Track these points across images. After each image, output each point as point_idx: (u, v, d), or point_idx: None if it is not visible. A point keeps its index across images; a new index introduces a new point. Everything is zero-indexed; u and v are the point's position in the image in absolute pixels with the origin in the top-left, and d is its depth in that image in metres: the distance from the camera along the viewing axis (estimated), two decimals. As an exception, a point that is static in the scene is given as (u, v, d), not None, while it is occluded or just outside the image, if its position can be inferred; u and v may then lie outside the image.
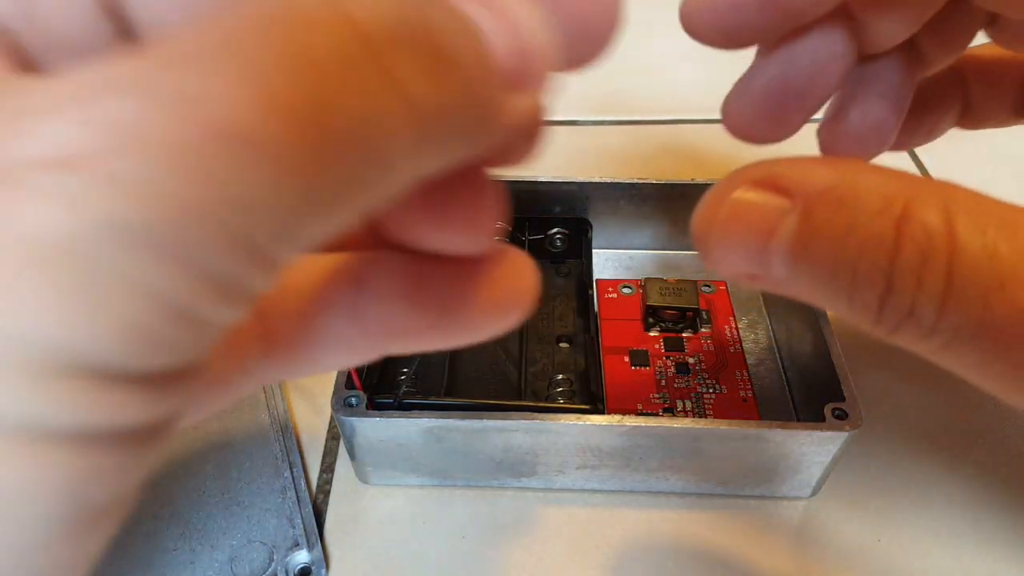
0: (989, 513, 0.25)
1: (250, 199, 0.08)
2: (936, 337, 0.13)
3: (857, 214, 0.13)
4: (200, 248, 0.07)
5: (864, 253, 0.13)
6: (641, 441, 0.24)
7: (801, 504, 0.26)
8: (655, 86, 0.47)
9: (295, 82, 0.08)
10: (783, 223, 0.13)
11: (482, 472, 0.25)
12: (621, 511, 0.25)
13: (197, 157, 0.07)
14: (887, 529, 0.25)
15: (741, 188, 0.14)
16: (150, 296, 0.07)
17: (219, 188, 0.07)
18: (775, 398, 0.28)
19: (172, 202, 0.07)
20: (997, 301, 0.12)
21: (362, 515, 0.25)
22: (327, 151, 0.08)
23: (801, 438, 0.23)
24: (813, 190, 0.13)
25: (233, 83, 0.07)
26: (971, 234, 0.12)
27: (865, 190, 0.13)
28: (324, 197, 0.08)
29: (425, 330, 0.13)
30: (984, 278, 0.12)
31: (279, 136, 0.07)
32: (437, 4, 0.09)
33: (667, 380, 0.28)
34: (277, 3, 0.08)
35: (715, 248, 0.14)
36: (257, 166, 0.07)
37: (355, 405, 0.23)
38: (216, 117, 0.07)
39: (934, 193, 0.12)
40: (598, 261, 0.33)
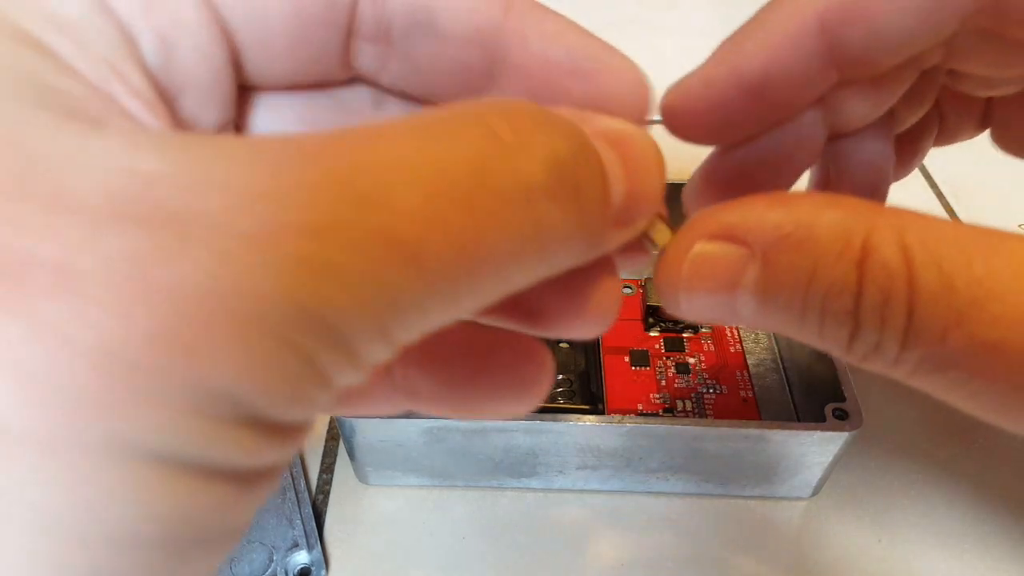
0: (989, 513, 0.25)
1: (399, 293, 0.09)
2: (901, 367, 0.13)
3: (817, 258, 0.13)
4: (357, 332, 0.09)
5: (830, 298, 0.13)
6: (641, 441, 0.23)
7: (802, 504, 0.26)
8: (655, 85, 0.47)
9: (463, 211, 0.09)
10: (745, 273, 0.13)
11: (482, 473, 0.25)
12: (621, 512, 0.25)
13: (372, 259, 0.09)
14: (887, 529, 0.25)
15: (699, 242, 0.14)
16: (307, 362, 0.09)
17: (380, 285, 0.09)
18: (775, 398, 0.28)
19: (345, 291, 0.09)
20: (955, 336, 0.12)
21: (362, 516, 0.25)
22: (466, 267, 0.10)
23: (802, 438, 0.23)
24: (770, 237, 0.13)
25: (420, 207, 0.09)
26: (927, 269, 0.12)
27: (822, 230, 0.13)
28: (453, 298, 0.10)
29: (442, 401, 0.15)
30: (941, 313, 0.12)
31: (438, 248, 0.09)
32: (586, 161, 0.11)
33: (667, 380, 0.28)
34: (469, 150, 0.10)
35: (682, 304, 0.15)
36: (413, 268, 0.09)
37: (355, 405, 0.23)
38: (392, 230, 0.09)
39: (889, 226, 0.12)
40: (598, 261, 0.33)
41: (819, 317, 0.13)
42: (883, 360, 0.13)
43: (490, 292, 0.10)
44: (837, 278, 0.13)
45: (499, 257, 0.10)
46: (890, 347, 0.13)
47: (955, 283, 0.12)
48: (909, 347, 0.12)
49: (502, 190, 0.10)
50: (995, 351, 0.12)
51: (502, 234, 0.10)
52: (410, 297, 0.09)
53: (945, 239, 0.12)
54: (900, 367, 0.13)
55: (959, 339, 0.12)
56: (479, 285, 0.10)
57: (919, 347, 0.12)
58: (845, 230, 0.13)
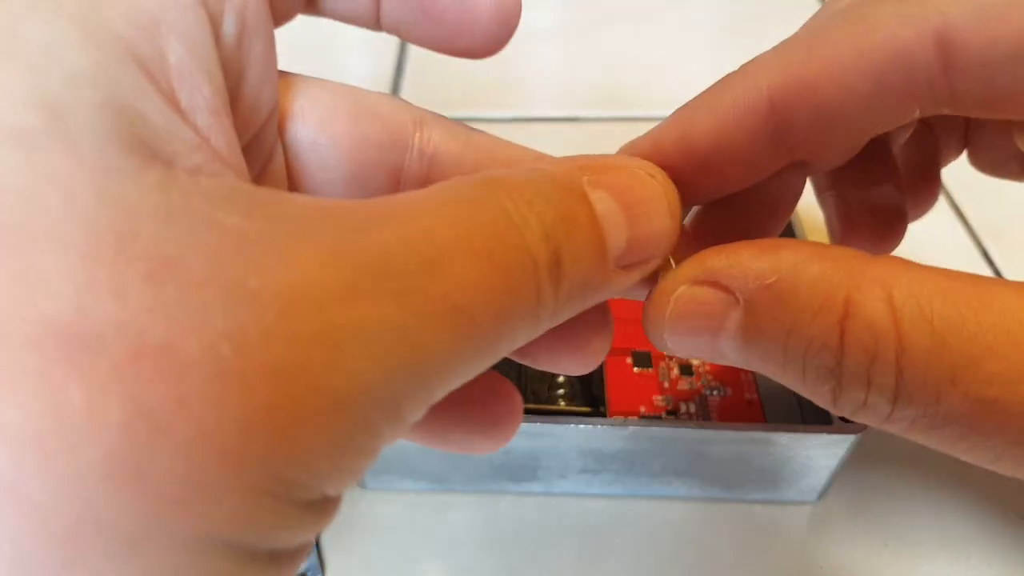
0: (997, 518, 0.25)
1: (450, 357, 0.10)
2: (895, 424, 0.13)
3: (798, 313, 0.13)
4: (409, 397, 0.10)
5: (810, 354, 0.13)
6: (644, 444, 0.23)
7: (807, 508, 0.25)
8: (656, 81, 0.47)
9: (481, 279, 0.10)
10: (728, 318, 0.13)
11: (481, 477, 0.25)
12: (624, 516, 0.25)
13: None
14: (894, 534, 0.25)
15: (684, 285, 0.14)
16: (368, 431, 0.10)
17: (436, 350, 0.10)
18: (780, 400, 0.28)
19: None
20: (949, 395, 0.12)
21: (359, 520, 0.25)
22: (498, 330, 0.11)
23: (807, 441, 0.23)
24: (752, 286, 0.13)
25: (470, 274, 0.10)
26: (918, 328, 0.12)
27: (803, 284, 0.13)
28: (485, 358, 0.11)
29: (412, 433, 0.15)
30: (934, 373, 0.12)
31: (483, 313, 0.10)
32: (568, 231, 0.12)
33: (670, 382, 0.28)
34: (495, 220, 0.11)
35: (667, 341, 0.15)
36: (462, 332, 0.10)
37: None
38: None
39: (876, 280, 0.12)
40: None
41: (801, 370, 0.13)
42: (874, 417, 0.13)
43: (508, 349, 0.12)
44: (816, 335, 0.12)
45: (518, 319, 0.11)
46: (880, 405, 0.12)
47: (948, 341, 0.11)
48: (901, 406, 0.12)
49: (519, 264, 0.11)
50: (991, 409, 0.11)
51: (521, 299, 0.11)
52: (457, 360, 0.10)
53: (936, 294, 0.12)
54: (893, 424, 0.13)
55: (954, 398, 0.11)
56: (504, 344, 0.11)
57: (912, 406, 0.12)
58: (827, 285, 0.12)
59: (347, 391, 0.09)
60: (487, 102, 0.45)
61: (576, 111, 0.44)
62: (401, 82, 0.47)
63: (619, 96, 0.45)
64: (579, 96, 0.46)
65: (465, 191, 0.11)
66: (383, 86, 0.46)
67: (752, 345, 0.13)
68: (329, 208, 0.10)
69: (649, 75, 0.47)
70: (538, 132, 0.43)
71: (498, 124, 0.43)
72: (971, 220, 0.37)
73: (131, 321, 0.08)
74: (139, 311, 0.08)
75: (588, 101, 0.45)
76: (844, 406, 0.13)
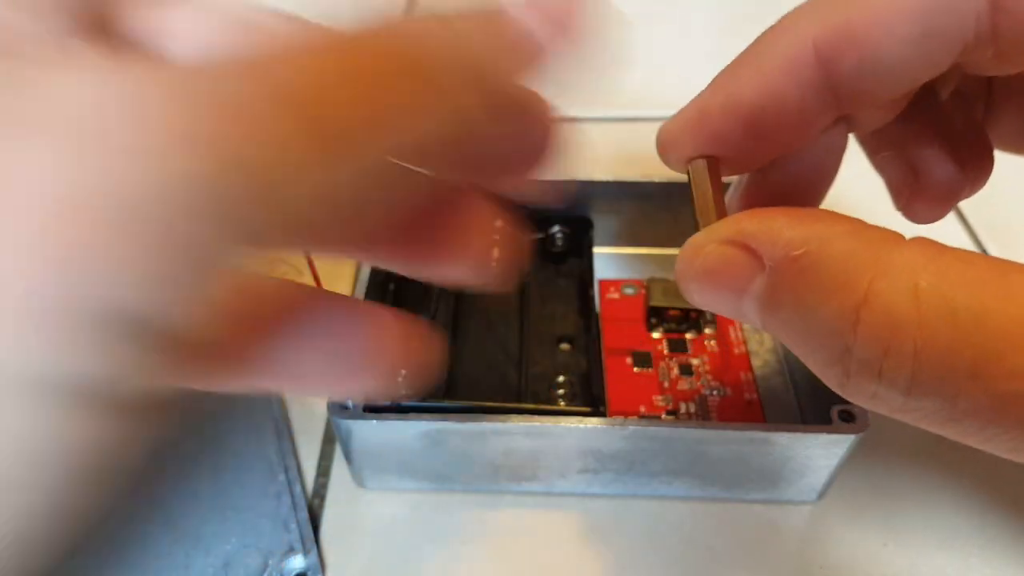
0: (997, 518, 0.25)
1: (275, 163, 0.09)
2: (906, 416, 0.12)
3: (818, 291, 0.12)
4: (245, 208, 0.09)
5: (824, 336, 0.12)
6: (644, 444, 0.23)
7: (807, 508, 0.25)
8: (658, 82, 0.47)
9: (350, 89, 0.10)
10: (753, 282, 0.13)
11: (481, 476, 0.25)
12: (624, 516, 0.25)
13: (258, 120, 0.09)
14: (894, 533, 0.25)
15: (713, 243, 0.14)
16: (192, 249, 0.09)
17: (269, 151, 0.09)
18: (780, 400, 0.28)
19: (237, 168, 0.09)
20: (969, 389, 0.11)
21: (359, 520, 0.25)
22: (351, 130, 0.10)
23: (807, 441, 0.23)
24: (780, 254, 0.13)
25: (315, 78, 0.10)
26: (942, 320, 0.11)
27: (828, 260, 0.12)
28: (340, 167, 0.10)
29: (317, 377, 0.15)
30: (955, 368, 0.11)
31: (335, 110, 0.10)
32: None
33: (670, 382, 0.28)
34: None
35: (695, 295, 0.15)
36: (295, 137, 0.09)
37: (351, 408, 0.23)
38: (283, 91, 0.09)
39: (903, 268, 0.12)
40: (600, 261, 0.32)
41: (815, 348, 0.13)
42: (885, 407, 0.13)
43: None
44: (830, 317, 0.12)
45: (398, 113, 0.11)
46: (893, 397, 0.12)
47: (970, 336, 0.11)
48: (915, 399, 0.12)
49: (392, 69, 0.11)
50: (1013, 403, 0.11)
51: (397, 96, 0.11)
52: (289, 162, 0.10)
53: (961, 285, 0.12)
54: (906, 415, 0.12)
55: (974, 392, 0.11)
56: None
57: (927, 400, 0.12)
58: (852, 266, 0.12)
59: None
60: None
61: (576, 112, 0.44)
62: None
63: (621, 97, 0.45)
64: (580, 97, 0.46)
65: None
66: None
67: (771, 314, 0.13)
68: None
69: (649, 76, 0.47)
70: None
71: (498, 125, 0.43)
72: (969, 218, 0.37)
73: None
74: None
75: (587, 102, 0.45)
76: (853, 394, 0.13)
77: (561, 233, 0.32)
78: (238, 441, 0.27)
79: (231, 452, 0.26)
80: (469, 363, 0.28)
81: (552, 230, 0.32)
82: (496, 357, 0.28)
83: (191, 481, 0.26)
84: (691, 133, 0.16)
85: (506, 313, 0.30)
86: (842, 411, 0.23)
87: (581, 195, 0.32)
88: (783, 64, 0.14)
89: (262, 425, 0.27)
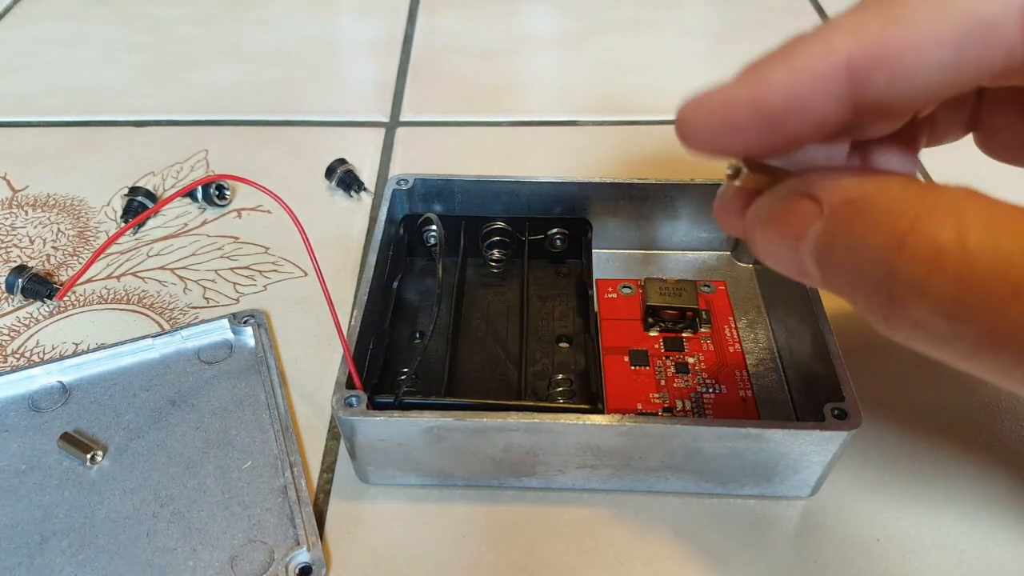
0: (988, 512, 0.26)
1: None
2: (951, 346, 0.13)
3: (869, 224, 0.13)
4: None
5: (870, 265, 0.13)
6: (641, 441, 0.24)
7: (800, 504, 0.26)
8: (655, 86, 0.47)
9: None
10: (811, 228, 0.15)
11: (482, 472, 0.25)
12: (621, 511, 0.25)
13: None
14: (886, 528, 0.25)
15: (782, 194, 0.15)
16: None
17: None
18: (775, 398, 0.28)
19: None
20: (1013, 308, 0.12)
21: (363, 515, 0.25)
22: None
23: (801, 438, 0.23)
24: (838, 199, 0.14)
25: None
26: (984, 245, 0.12)
27: (881, 202, 0.13)
28: None
29: None
30: (998, 287, 0.12)
31: None
32: None
33: (667, 380, 0.28)
34: None
35: (759, 243, 0.16)
36: None
37: (355, 405, 0.23)
38: None
39: (949, 206, 0.13)
40: (598, 261, 0.33)
41: (861, 280, 0.14)
42: (931, 336, 0.13)
43: None
44: (878, 246, 0.13)
45: None
46: (937, 324, 0.13)
47: (1014, 258, 0.12)
48: (960, 323, 0.12)
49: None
50: None
51: None
52: None
53: (1006, 219, 0.12)
54: (951, 346, 0.13)
55: (1019, 311, 0.12)
56: None
57: (972, 323, 0.12)
58: (901, 204, 0.13)
59: None
60: (488, 106, 0.45)
61: (575, 115, 0.45)
62: (404, 86, 0.47)
63: (618, 100, 0.46)
64: (577, 101, 0.46)
65: None
66: (386, 90, 0.47)
67: (825, 254, 0.14)
68: None
69: (646, 80, 0.48)
70: (537, 136, 0.43)
71: (498, 127, 0.44)
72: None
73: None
74: None
75: (586, 106, 0.46)
76: (896, 325, 0.13)
77: (560, 234, 0.32)
78: (244, 438, 0.27)
79: (237, 449, 0.27)
80: (470, 361, 0.29)
81: (551, 231, 0.32)
82: (497, 355, 0.29)
83: (198, 477, 0.26)
84: (715, 121, 0.16)
85: (506, 313, 0.31)
86: (835, 409, 0.23)
87: (580, 196, 0.32)
88: (815, 73, 0.15)
89: (268, 422, 0.28)
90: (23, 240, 0.36)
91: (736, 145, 0.16)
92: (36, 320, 0.32)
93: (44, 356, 0.31)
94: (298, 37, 0.53)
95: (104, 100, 0.46)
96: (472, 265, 0.33)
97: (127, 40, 0.52)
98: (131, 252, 0.36)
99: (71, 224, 0.37)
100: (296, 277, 0.34)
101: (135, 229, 0.37)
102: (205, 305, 0.33)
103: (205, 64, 0.50)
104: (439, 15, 0.55)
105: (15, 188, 0.40)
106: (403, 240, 0.32)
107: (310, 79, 0.48)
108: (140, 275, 0.34)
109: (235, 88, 0.47)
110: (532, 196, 0.32)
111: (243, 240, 0.36)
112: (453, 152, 0.42)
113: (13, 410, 0.28)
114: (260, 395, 0.29)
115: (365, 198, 0.39)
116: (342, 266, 0.35)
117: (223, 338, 0.31)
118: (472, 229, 0.32)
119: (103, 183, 0.40)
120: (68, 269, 0.35)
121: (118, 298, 0.33)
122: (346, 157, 0.40)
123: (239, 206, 0.38)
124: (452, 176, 0.32)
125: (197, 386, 0.29)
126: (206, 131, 0.44)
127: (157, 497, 0.25)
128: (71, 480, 0.26)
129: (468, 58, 0.50)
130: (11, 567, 0.24)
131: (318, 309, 0.32)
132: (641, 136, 0.43)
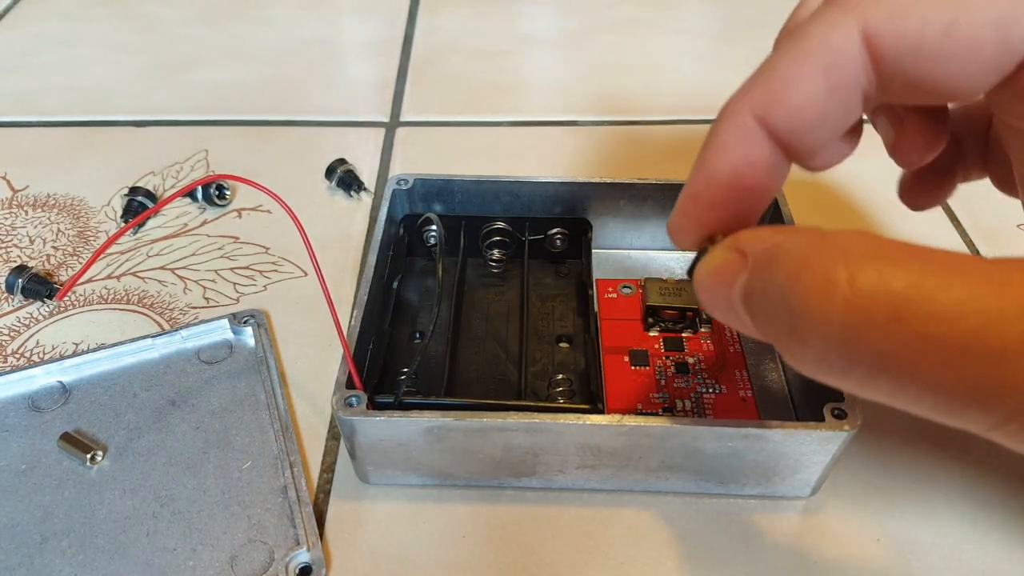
0: (988, 512, 0.26)
1: None
2: (852, 374, 0.14)
3: (775, 268, 0.15)
4: None
5: (775, 303, 0.15)
6: (641, 441, 0.24)
7: (800, 503, 0.26)
8: (655, 86, 0.47)
9: None
10: (739, 276, 0.16)
11: (482, 472, 0.25)
12: (621, 510, 0.26)
13: None
14: (886, 528, 0.25)
15: (720, 248, 0.17)
16: None
17: None
18: (774, 398, 0.28)
19: None
20: (896, 331, 0.13)
21: (363, 514, 0.25)
22: None
23: (800, 438, 0.23)
24: (758, 249, 0.16)
25: None
26: (868, 274, 0.13)
27: (787, 247, 0.15)
28: None
29: None
30: (881, 311, 0.13)
31: None
32: None
33: (667, 380, 0.28)
34: None
35: (704, 294, 0.18)
36: None
37: (355, 405, 0.23)
38: None
39: (841, 244, 0.14)
40: (598, 261, 0.33)
41: (771, 318, 0.15)
42: (833, 368, 0.14)
43: None
44: (780, 283, 0.15)
45: None
46: (833, 351, 0.14)
47: (893, 285, 0.13)
48: (852, 347, 0.14)
49: None
50: (933, 344, 0.13)
51: None
52: None
53: (889, 250, 0.14)
54: (851, 374, 0.14)
55: (900, 335, 0.13)
56: None
57: (863, 348, 0.13)
58: (803, 247, 0.15)
59: None
60: (487, 107, 0.45)
61: (575, 115, 0.45)
62: (404, 86, 0.47)
63: (618, 101, 0.46)
64: (577, 101, 0.46)
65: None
66: (386, 90, 0.47)
67: (749, 301, 0.16)
68: None
69: (646, 80, 0.48)
70: (537, 136, 0.43)
71: (498, 127, 0.44)
72: (963, 221, 0.38)
73: None
74: None
75: (586, 106, 0.46)
76: (802, 357, 0.15)
77: (560, 234, 0.32)
78: (244, 438, 0.27)
79: (237, 449, 0.27)
80: (470, 361, 0.29)
81: (552, 231, 0.32)
82: (497, 355, 0.29)
83: (198, 477, 0.26)
84: (689, 216, 0.19)
85: (506, 313, 0.31)
86: (835, 408, 0.23)
87: (580, 196, 0.32)
88: (736, 148, 0.18)
89: (267, 422, 0.28)
90: (23, 240, 0.36)
91: (712, 223, 0.19)
92: (36, 320, 0.32)
93: (44, 356, 0.31)
94: (298, 37, 0.53)
95: (104, 100, 0.46)
96: (472, 265, 0.33)
97: (127, 40, 0.52)
98: (131, 252, 0.36)
99: (71, 224, 0.37)
100: (296, 277, 0.34)
101: (135, 229, 0.37)
102: (205, 305, 0.33)
103: (205, 64, 0.50)
104: (439, 15, 0.55)
105: (15, 188, 0.40)
106: (403, 240, 0.32)
107: (310, 79, 0.48)
108: (140, 275, 0.34)
109: (235, 88, 0.47)
110: (532, 196, 0.32)
111: (243, 240, 0.36)
112: (453, 152, 0.42)
113: (13, 410, 0.28)
114: (260, 395, 0.29)
115: (365, 198, 0.39)
116: (342, 266, 0.35)
117: (223, 338, 0.31)
118: (472, 229, 0.32)
119: (103, 183, 0.40)
120: (68, 269, 0.35)
121: (118, 298, 0.33)
122: (346, 157, 0.40)
123: (239, 206, 0.38)
124: (452, 176, 0.32)
125: (197, 386, 0.29)
126: (206, 131, 0.44)
127: (157, 497, 0.25)
128: (71, 480, 0.26)
129: (468, 58, 0.50)
130: (11, 567, 0.24)
131: (318, 309, 0.32)
132: (641, 136, 0.43)
